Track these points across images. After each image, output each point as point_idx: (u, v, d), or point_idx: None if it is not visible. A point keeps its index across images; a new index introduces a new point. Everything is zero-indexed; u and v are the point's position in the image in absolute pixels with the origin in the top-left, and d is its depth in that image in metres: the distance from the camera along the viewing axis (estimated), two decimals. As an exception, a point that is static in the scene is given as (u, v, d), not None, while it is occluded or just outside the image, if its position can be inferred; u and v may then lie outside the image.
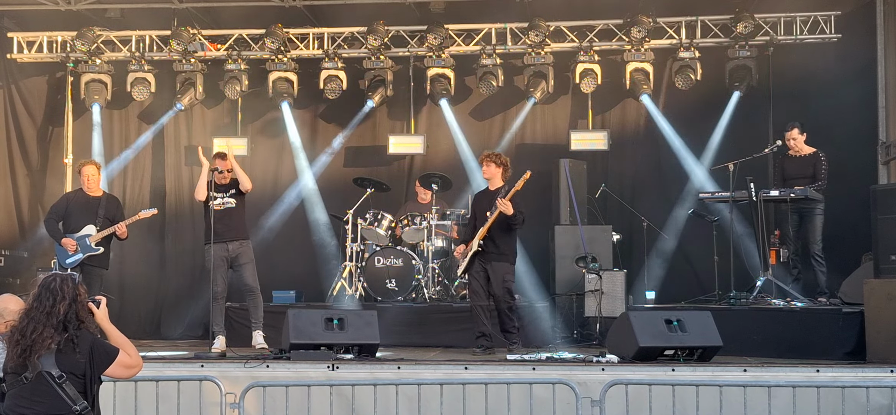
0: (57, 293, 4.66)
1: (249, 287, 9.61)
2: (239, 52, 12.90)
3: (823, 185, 9.72)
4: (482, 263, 9.32)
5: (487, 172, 9.52)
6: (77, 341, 4.64)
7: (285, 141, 13.19)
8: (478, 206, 9.57)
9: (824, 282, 9.65)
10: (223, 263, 9.52)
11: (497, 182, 9.45)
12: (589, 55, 12.41)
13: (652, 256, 11.75)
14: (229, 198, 9.59)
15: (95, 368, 4.71)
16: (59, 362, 4.60)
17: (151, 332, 12.67)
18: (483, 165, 9.57)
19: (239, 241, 9.57)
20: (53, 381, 4.57)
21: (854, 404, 6.73)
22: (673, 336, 7.96)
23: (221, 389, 6.89)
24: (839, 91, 12.07)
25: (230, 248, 9.52)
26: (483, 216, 9.35)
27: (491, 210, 9.24)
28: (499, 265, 9.25)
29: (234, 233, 9.56)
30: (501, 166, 9.47)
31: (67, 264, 9.49)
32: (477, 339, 9.36)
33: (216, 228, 9.46)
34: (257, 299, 9.64)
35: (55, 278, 4.72)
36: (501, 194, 9.21)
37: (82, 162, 10.07)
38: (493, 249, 9.27)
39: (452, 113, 12.86)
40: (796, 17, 12.16)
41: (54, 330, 4.62)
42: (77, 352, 4.63)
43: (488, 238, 9.25)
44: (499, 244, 9.28)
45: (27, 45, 13.11)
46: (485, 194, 9.58)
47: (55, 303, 4.65)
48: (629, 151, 12.79)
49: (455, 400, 6.86)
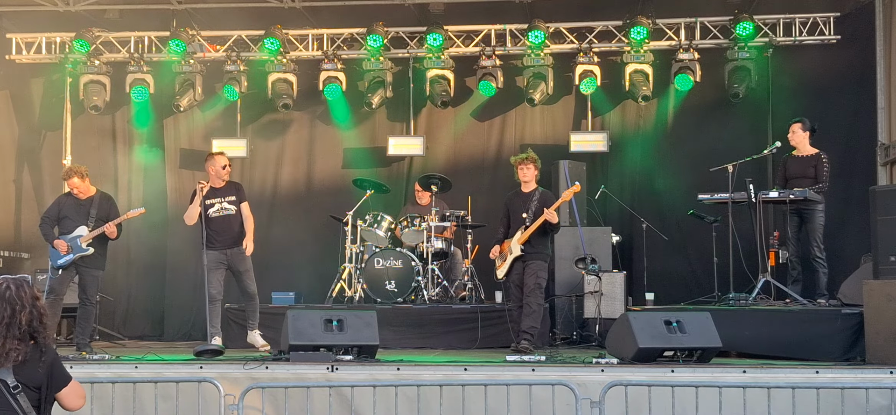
0: (14, 302, 4.39)
1: (249, 294, 9.67)
2: (238, 54, 12.90)
3: (825, 187, 9.71)
4: (520, 265, 9.39)
5: (527, 175, 9.57)
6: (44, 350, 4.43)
7: (284, 142, 13.19)
8: (512, 207, 9.61)
9: (824, 283, 9.64)
10: (220, 266, 9.51)
11: (532, 184, 9.58)
12: (588, 57, 12.42)
13: (651, 257, 11.75)
14: (228, 204, 9.56)
15: (52, 385, 4.47)
16: (17, 372, 4.36)
17: (153, 333, 12.68)
18: (522, 167, 9.57)
19: (236, 248, 9.55)
20: (7, 391, 4.33)
21: (853, 405, 6.72)
22: (672, 337, 7.96)
23: (220, 390, 6.88)
24: (838, 93, 12.08)
25: (228, 254, 9.52)
26: (518, 217, 9.44)
27: (526, 211, 9.36)
28: (535, 263, 9.35)
29: (232, 240, 9.54)
30: (538, 169, 9.63)
31: (59, 265, 9.47)
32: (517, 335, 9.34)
33: (213, 234, 9.46)
34: (255, 304, 9.72)
35: (10, 286, 4.43)
36: (535, 197, 9.40)
37: (66, 171, 9.89)
38: (530, 251, 9.37)
39: (452, 114, 12.86)
40: (795, 19, 12.17)
41: (19, 341, 4.38)
42: (40, 364, 4.42)
43: (525, 242, 9.33)
44: (537, 246, 9.40)
45: (26, 46, 13.11)
46: (519, 196, 9.62)
47: (15, 313, 4.38)
48: (629, 152, 12.79)
49: (454, 401, 6.85)
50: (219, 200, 9.55)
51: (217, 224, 9.52)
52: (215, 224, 9.51)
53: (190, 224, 9.64)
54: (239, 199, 9.66)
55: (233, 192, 9.67)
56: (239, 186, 9.88)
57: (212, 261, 9.44)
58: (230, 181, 9.79)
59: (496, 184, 12.60)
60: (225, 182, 9.69)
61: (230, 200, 9.59)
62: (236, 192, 9.71)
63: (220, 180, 9.64)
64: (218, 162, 9.70)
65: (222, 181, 9.66)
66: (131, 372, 7.81)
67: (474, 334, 10.32)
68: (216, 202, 9.54)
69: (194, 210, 9.46)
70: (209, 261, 9.42)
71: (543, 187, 9.78)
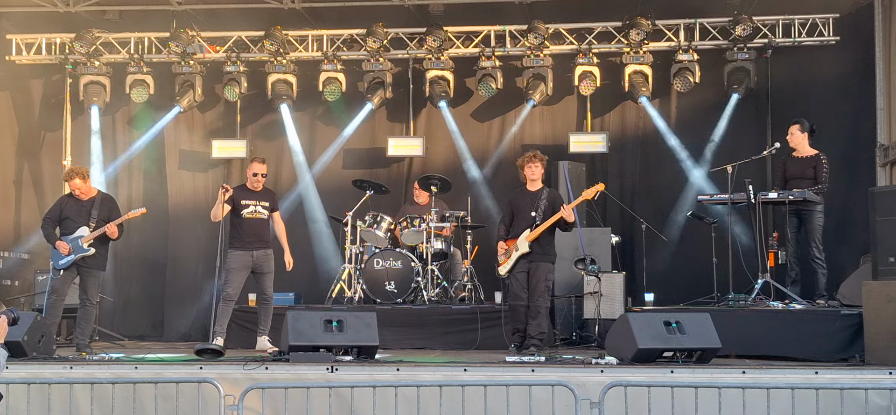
0: None
1: (266, 296, 9.85)
2: (238, 55, 12.91)
3: (824, 188, 9.70)
4: (527, 263, 9.31)
5: (534, 173, 9.45)
6: None
7: (284, 143, 13.20)
8: (517, 205, 9.51)
9: (823, 284, 9.65)
10: (244, 269, 9.72)
11: (539, 183, 9.49)
12: (588, 58, 12.42)
13: (651, 258, 11.76)
14: (262, 208, 9.80)
15: None
16: None
17: (153, 333, 12.68)
18: (529, 165, 9.45)
19: (264, 250, 9.78)
20: None
21: (853, 405, 6.73)
22: (672, 338, 7.96)
23: (220, 390, 6.89)
24: (837, 93, 12.09)
25: (255, 255, 9.71)
26: (525, 215, 9.35)
27: (535, 210, 9.28)
28: (543, 265, 9.28)
29: (261, 242, 9.77)
30: (544, 168, 9.55)
31: (61, 266, 9.49)
32: (513, 334, 9.39)
33: (245, 235, 9.69)
34: (269, 307, 9.87)
35: None
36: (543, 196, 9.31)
37: (67, 173, 9.90)
38: (538, 250, 9.29)
39: (451, 115, 12.88)
40: (794, 20, 12.18)
41: None
42: None
43: (534, 240, 9.27)
44: (544, 245, 9.33)
45: (26, 46, 13.12)
46: (524, 194, 9.52)
47: None
48: (628, 153, 12.80)
49: (454, 402, 6.86)
50: (254, 203, 9.79)
51: (250, 226, 9.76)
52: (248, 226, 9.76)
53: (214, 221, 9.79)
54: (272, 206, 9.95)
55: (268, 198, 9.93)
56: (273, 195, 10.19)
57: (237, 262, 9.67)
58: (266, 188, 10.06)
59: (495, 185, 12.61)
60: (261, 187, 9.90)
61: (264, 205, 9.84)
62: (271, 199, 9.98)
63: (256, 184, 9.84)
64: (251, 168, 9.92)
65: (259, 186, 9.86)
66: (131, 373, 7.81)
67: (474, 335, 10.33)
68: (251, 204, 9.78)
69: (217, 209, 9.68)
70: (234, 262, 9.66)
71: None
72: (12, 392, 7.02)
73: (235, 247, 9.71)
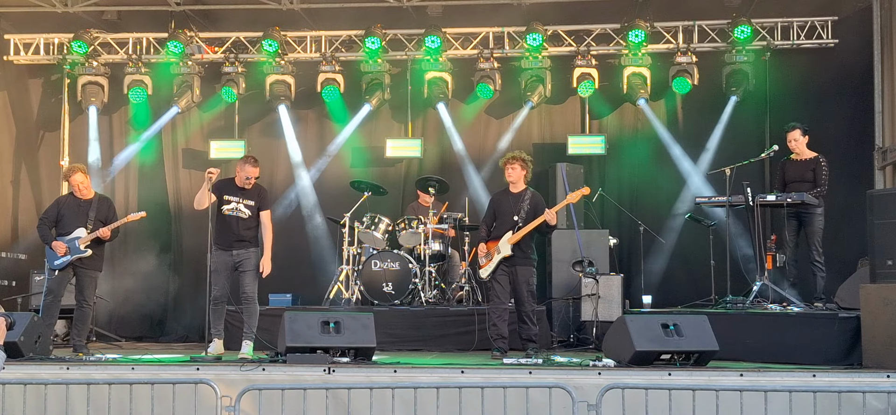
0: None
1: (246, 296, 9.42)
2: (236, 55, 12.90)
3: (823, 190, 9.69)
4: (507, 266, 9.23)
5: (514, 175, 9.32)
6: None
7: (282, 144, 13.18)
8: (499, 207, 9.40)
9: (822, 287, 9.64)
10: (225, 267, 9.38)
11: (521, 184, 9.36)
12: (586, 60, 12.42)
13: (649, 260, 11.76)
14: (244, 207, 9.40)
15: None
16: None
17: (150, 335, 12.66)
18: (510, 166, 9.32)
19: (245, 248, 9.39)
20: None
21: (850, 408, 6.72)
22: (669, 340, 7.95)
23: (217, 392, 6.87)
24: (836, 96, 12.10)
25: (234, 254, 9.38)
26: (506, 218, 9.25)
27: (517, 213, 9.17)
28: (524, 269, 9.20)
29: (240, 241, 9.38)
30: (526, 169, 9.38)
31: (57, 267, 9.48)
32: (495, 340, 9.26)
33: (224, 233, 9.35)
34: (251, 308, 9.43)
35: None
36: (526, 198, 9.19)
37: (68, 169, 9.89)
38: (519, 253, 9.19)
39: (450, 116, 12.87)
40: (793, 23, 12.19)
41: None
42: None
43: (516, 243, 9.19)
44: (524, 248, 9.23)
45: (24, 47, 13.11)
46: (506, 195, 9.40)
47: None
48: (626, 155, 12.79)
49: (451, 404, 6.84)
50: (237, 200, 9.39)
51: (229, 223, 9.37)
52: (227, 223, 9.37)
53: (198, 209, 9.44)
54: (260, 206, 9.48)
55: (254, 197, 9.46)
56: (264, 194, 9.64)
57: (218, 262, 9.33)
58: (257, 186, 9.55)
59: (494, 186, 12.60)
60: (251, 186, 9.46)
61: (248, 203, 9.42)
62: (258, 198, 9.49)
63: (246, 182, 9.45)
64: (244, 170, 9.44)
65: (249, 184, 9.45)
66: (127, 374, 7.80)
67: (471, 337, 10.30)
68: (233, 200, 9.38)
69: (202, 195, 9.30)
70: (215, 262, 9.32)
71: (539, 190, 9.72)
72: (8, 393, 7.00)
73: (217, 246, 9.33)
